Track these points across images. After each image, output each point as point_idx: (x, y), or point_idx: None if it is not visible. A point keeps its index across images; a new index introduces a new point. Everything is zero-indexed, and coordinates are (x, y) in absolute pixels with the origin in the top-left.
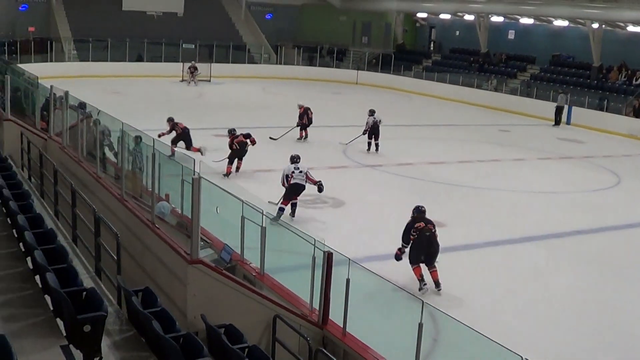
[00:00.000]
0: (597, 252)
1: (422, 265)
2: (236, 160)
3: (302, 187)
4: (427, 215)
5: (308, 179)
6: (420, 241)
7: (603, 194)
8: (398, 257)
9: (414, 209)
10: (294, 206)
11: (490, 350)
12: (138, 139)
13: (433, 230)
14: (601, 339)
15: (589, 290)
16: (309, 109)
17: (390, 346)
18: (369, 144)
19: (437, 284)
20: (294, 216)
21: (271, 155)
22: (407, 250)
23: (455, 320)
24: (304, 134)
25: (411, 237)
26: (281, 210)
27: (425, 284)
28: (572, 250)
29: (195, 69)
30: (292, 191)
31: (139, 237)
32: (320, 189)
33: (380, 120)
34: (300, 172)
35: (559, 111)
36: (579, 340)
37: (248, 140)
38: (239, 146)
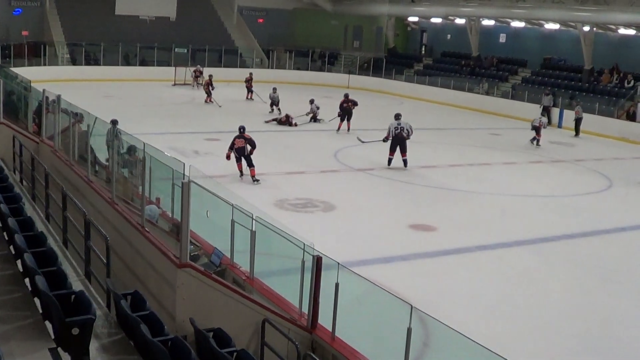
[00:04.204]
0: (588, 256)
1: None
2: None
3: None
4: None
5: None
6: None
7: (594, 198)
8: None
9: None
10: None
11: (480, 356)
12: (114, 122)
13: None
14: (592, 343)
15: (580, 295)
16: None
17: (379, 351)
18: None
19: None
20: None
21: (261, 159)
22: None
23: (444, 325)
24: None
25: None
26: None
27: None
28: (564, 254)
29: (201, 72)
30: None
31: (129, 240)
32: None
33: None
34: None
35: (545, 111)
36: (570, 345)
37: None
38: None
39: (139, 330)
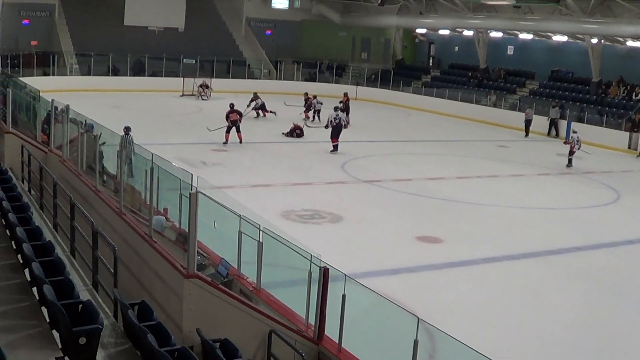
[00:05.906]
0: (595, 269)
1: None
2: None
3: None
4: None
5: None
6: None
7: (602, 210)
8: None
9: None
10: None
11: None
12: (127, 129)
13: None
14: (598, 356)
15: (587, 307)
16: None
17: None
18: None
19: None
20: None
21: (269, 171)
22: None
23: (451, 337)
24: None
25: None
26: None
27: None
28: (571, 266)
29: (207, 86)
30: None
31: (136, 250)
32: None
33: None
34: None
35: (553, 124)
36: (576, 358)
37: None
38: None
39: (145, 340)
